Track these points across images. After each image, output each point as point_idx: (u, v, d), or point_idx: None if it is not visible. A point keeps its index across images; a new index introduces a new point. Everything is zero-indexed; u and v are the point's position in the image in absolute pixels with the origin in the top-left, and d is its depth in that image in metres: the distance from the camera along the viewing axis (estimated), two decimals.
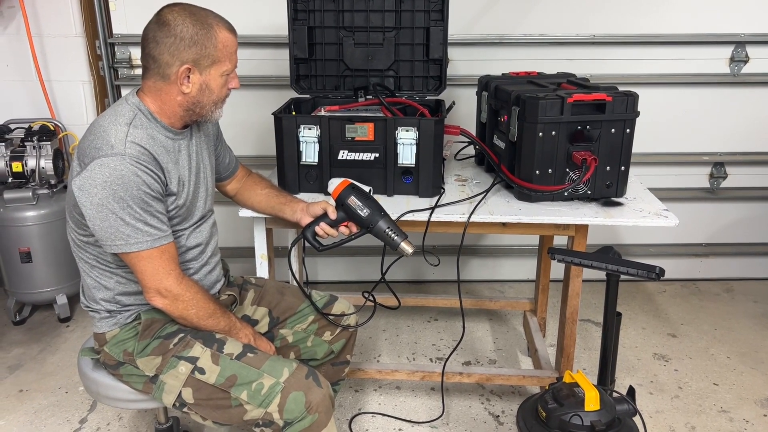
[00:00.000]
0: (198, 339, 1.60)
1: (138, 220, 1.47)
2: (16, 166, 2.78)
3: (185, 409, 1.61)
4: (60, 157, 2.90)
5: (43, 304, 3.03)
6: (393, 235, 1.72)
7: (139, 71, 3.00)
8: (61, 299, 2.92)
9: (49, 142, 2.83)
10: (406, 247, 1.72)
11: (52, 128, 2.93)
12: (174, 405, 1.61)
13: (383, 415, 2.34)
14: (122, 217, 1.45)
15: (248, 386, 1.54)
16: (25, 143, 2.81)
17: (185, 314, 1.57)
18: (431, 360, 2.70)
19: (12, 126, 2.96)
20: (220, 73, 1.56)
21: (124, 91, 3.05)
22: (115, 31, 2.96)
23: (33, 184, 2.82)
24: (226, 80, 1.59)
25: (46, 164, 2.82)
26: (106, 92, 3.04)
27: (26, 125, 2.93)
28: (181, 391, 1.58)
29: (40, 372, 2.61)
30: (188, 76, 1.53)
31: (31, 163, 2.81)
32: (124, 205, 1.45)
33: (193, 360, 1.57)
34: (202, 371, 1.56)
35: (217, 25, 1.53)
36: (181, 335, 1.61)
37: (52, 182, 2.87)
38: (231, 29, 1.57)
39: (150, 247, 1.49)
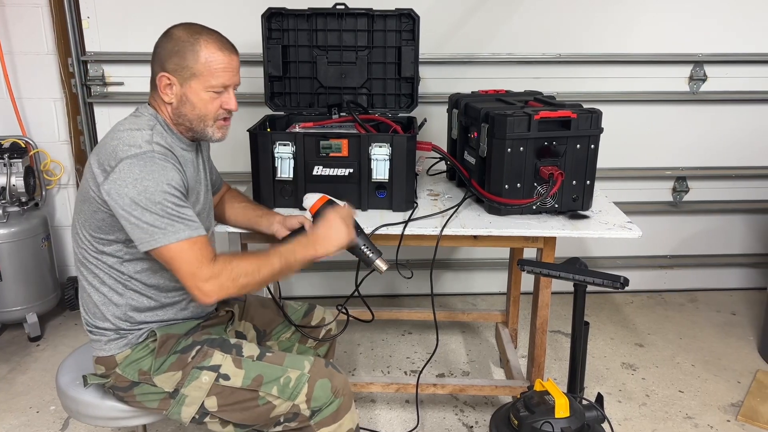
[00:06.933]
0: (215, 347, 1.61)
1: (171, 213, 1.46)
2: None
3: (206, 419, 1.61)
4: (31, 175, 2.88)
5: (13, 323, 2.98)
6: (368, 252, 1.75)
7: (111, 88, 3.03)
8: (32, 318, 2.88)
9: (20, 160, 2.82)
10: (381, 265, 1.75)
11: (23, 145, 2.91)
12: (193, 417, 1.61)
13: (359, 428, 2.35)
14: (156, 211, 1.44)
15: (276, 382, 1.58)
16: None
17: (242, 285, 1.51)
18: (406, 373, 2.72)
19: None
20: (202, 88, 1.55)
21: (97, 109, 3.04)
22: (88, 48, 2.96)
23: (3, 201, 2.79)
24: (214, 98, 1.57)
25: (17, 182, 2.80)
26: (78, 110, 3.03)
27: None
28: (204, 401, 1.58)
29: (9, 392, 2.57)
30: (170, 86, 1.55)
31: (2, 180, 2.78)
32: (157, 200, 1.44)
33: (215, 368, 1.58)
34: (226, 377, 1.58)
35: (204, 40, 1.53)
36: (198, 347, 1.61)
37: (23, 200, 2.84)
38: (223, 48, 1.55)
39: (188, 237, 1.46)
